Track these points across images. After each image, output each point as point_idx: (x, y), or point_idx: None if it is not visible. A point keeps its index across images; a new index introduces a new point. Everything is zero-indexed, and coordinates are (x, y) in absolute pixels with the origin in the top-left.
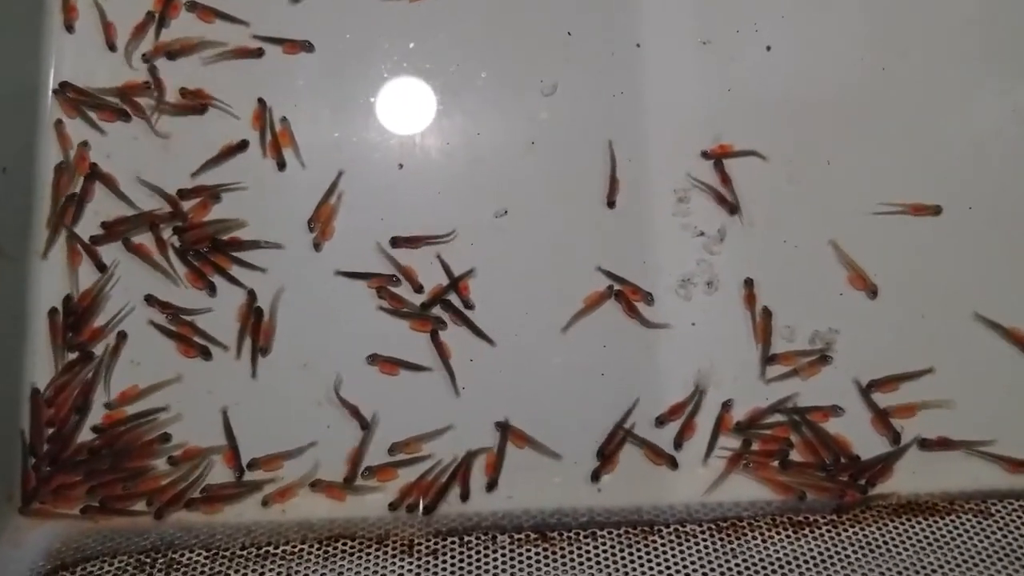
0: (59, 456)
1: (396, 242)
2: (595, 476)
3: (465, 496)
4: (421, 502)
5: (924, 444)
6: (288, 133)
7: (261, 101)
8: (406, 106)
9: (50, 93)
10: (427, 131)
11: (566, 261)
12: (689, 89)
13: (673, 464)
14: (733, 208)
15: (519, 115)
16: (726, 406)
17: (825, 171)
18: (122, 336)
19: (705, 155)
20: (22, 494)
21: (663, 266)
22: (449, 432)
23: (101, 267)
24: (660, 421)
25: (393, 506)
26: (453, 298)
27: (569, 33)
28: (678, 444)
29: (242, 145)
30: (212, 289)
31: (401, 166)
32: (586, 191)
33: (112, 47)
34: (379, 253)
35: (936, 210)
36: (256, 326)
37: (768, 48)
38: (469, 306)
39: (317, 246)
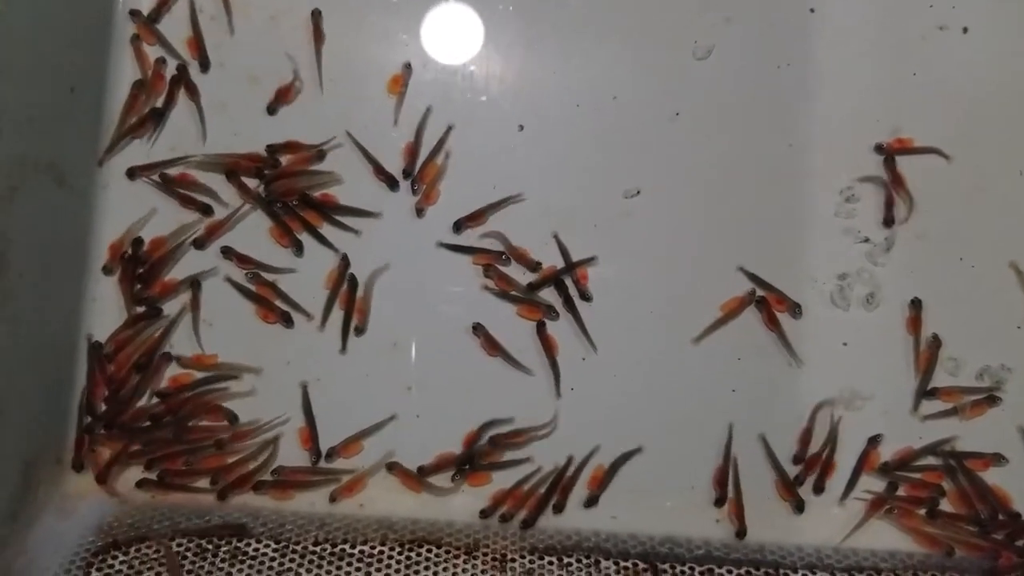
0: (117, 420)
1: (460, 226)
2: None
3: (560, 507)
4: (518, 514)
5: None
6: (403, 81)
7: (408, 66)
8: (533, 59)
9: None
10: (555, 89)
11: (703, 256)
12: (867, 68)
13: (799, 507)
14: (888, 220)
15: (664, 80)
16: (873, 442)
17: (1017, 182)
18: (198, 290)
19: (879, 149)
20: (73, 459)
21: (817, 274)
22: (551, 437)
23: (205, 209)
24: (798, 459)
25: (485, 514)
26: (568, 285)
27: None
28: (819, 488)
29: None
30: (299, 248)
31: (522, 127)
32: (734, 176)
33: None
34: (489, 225)
35: None
36: (349, 296)
37: (965, 30)
38: (587, 297)
39: (419, 211)
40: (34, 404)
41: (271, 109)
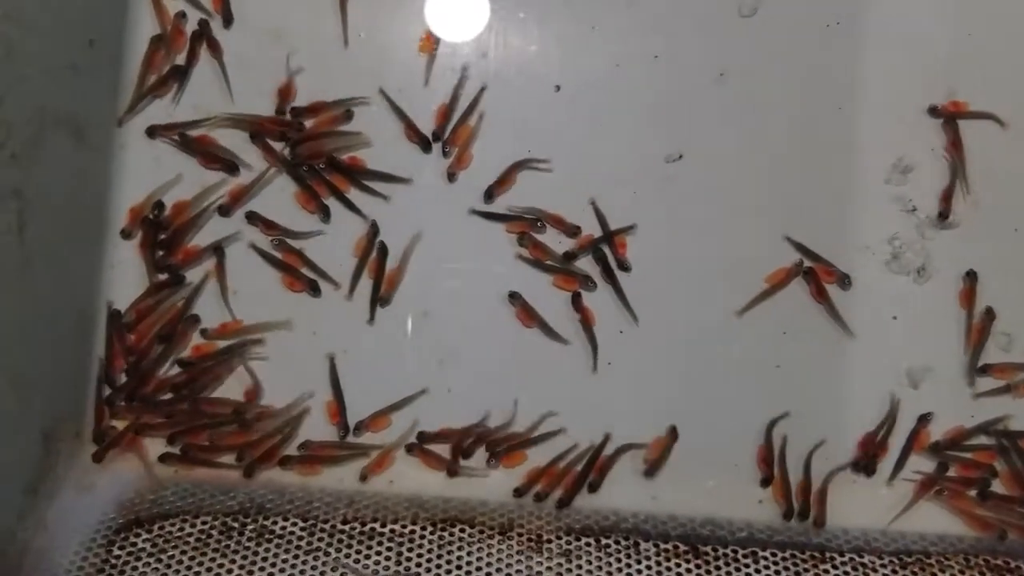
0: (137, 391)
1: (491, 194)
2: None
3: (595, 487)
4: (554, 492)
5: None
6: (435, 39)
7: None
8: (570, 16)
9: None
10: (594, 48)
11: (748, 225)
12: (922, 27)
13: (786, 515)
14: (944, 213)
15: (708, 38)
16: (923, 420)
17: None
18: (222, 257)
19: (934, 111)
20: (93, 431)
21: (867, 243)
22: (589, 412)
23: (231, 167)
24: (858, 465)
25: (519, 492)
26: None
27: None
28: (870, 469)
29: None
30: (326, 213)
31: (558, 88)
32: (781, 140)
33: None
34: (522, 191)
35: None
36: (378, 264)
37: None
38: (625, 268)
39: (451, 176)
40: (52, 374)
41: (280, 111)
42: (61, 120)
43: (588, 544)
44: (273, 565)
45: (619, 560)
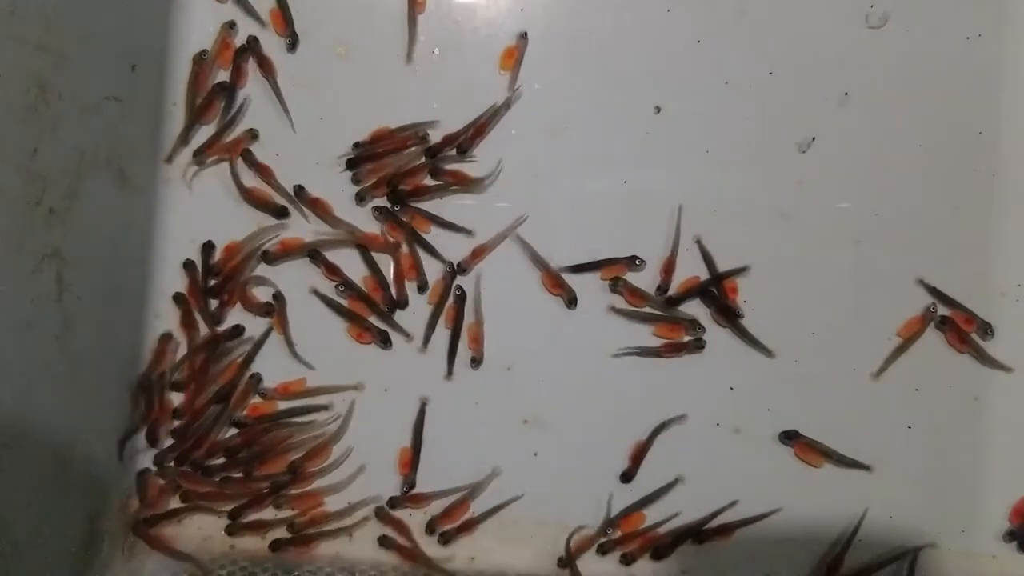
0: (189, 456)
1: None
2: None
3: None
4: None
5: None
6: (518, 55)
7: (524, 36)
8: (672, 26)
9: None
10: (700, 63)
11: (875, 267)
12: None
13: None
14: None
15: (831, 53)
16: None
17: None
18: (283, 305)
19: None
20: (140, 503)
21: (1008, 288)
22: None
23: (280, 213)
24: (1013, 534)
25: (603, 549)
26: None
27: None
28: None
29: None
30: (384, 340)
31: (658, 109)
32: (912, 169)
33: None
34: (618, 231)
35: None
36: (456, 312)
37: None
38: (737, 315)
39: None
40: (97, 447)
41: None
42: (102, 162)
43: None
44: None
45: None
